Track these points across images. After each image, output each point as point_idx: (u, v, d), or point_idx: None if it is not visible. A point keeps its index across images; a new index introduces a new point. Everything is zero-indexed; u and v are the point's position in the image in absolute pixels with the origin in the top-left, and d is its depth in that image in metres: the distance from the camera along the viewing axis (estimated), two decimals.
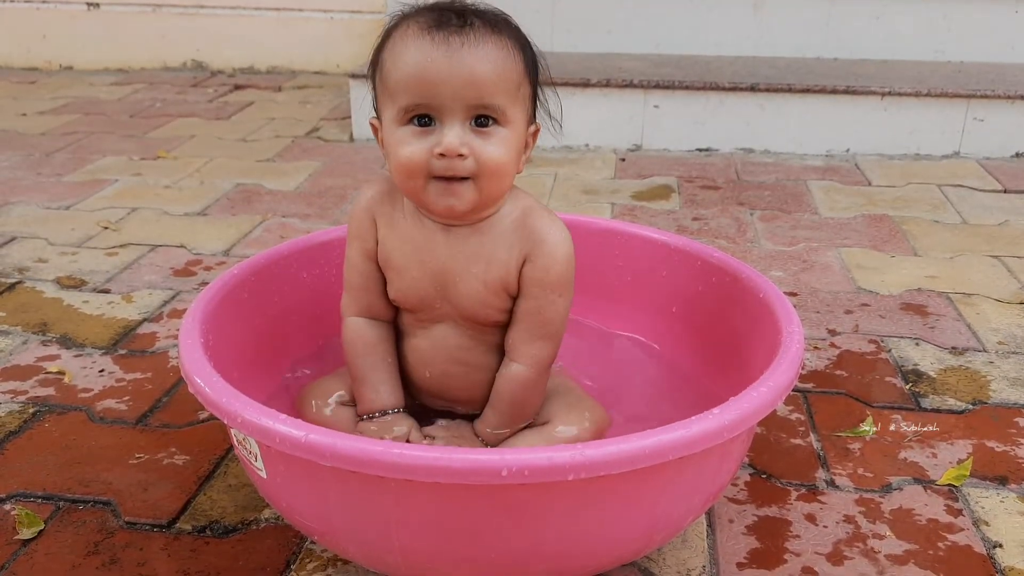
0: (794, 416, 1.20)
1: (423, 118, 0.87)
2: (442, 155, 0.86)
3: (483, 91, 0.86)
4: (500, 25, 0.89)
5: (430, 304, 0.98)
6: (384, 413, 0.99)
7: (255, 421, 0.75)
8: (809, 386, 1.27)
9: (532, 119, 0.95)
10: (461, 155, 0.86)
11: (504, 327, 0.98)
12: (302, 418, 1.00)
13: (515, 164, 0.91)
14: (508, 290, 0.95)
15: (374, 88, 0.94)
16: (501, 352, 0.99)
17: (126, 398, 1.22)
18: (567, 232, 0.95)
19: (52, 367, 1.30)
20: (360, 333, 1.01)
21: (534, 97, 0.94)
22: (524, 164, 0.94)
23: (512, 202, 0.95)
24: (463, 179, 0.88)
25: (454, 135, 0.86)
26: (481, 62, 0.85)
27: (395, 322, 1.03)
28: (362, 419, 0.99)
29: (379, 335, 1.01)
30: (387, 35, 0.91)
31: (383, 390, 0.99)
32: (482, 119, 0.87)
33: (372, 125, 0.95)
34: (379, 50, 0.91)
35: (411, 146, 0.87)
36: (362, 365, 1.00)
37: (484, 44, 0.86)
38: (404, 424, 0.98)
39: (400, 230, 0.97)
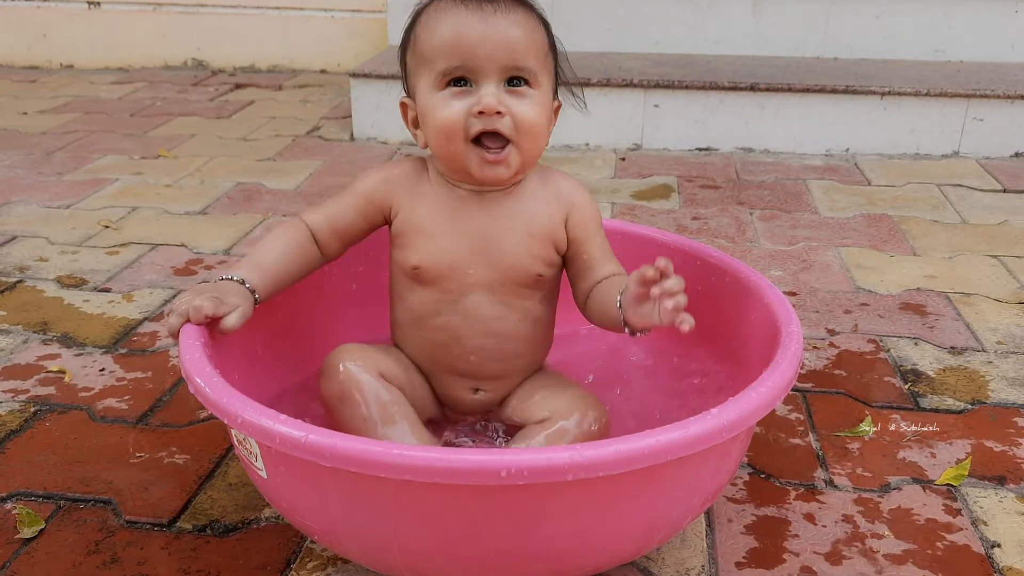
0: (793, 416, 1.20)
1: (460, 80, 0.91)
2: (481, 113, 0.90)
3: (516, 52, 0.90)
4: (524, 1, 0.94)
5: (462, 270, 0.98)
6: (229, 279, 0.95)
7: (255, 422, 0.75)
8: (808, 386, 1.27)
9: (555, 94, 0.99)
10: (499, 112, 0.90)
11: (540, 287, 1.01)
12: (325, 379, 0.98)
13: (547, 126, 0.96)
14: (556, 243, 1.00)
15: (404, 66, 0.98)
16: (534, 322, 1.02)
17: (127, 397, 1.22)
18: (580, 182, 1.04)
19: (53, 366, 1.30)
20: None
21: (556, 72, 0.98)
22: (549, 136, 0.98)
23: (534, 170, 1.01)
24: (503, 146, 0.91)
25: (491, 93, 0.90)
26: (513, 26, 0.91)
27: (403, 304, 1.02)
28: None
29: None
30: (418, 13, 0.95)
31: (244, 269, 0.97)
32: (515, 80, 0.92)
33: (403, 104, 0.99)
34: (410, 28, 0.96)
35: (449, 107, 0.91)
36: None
37: (514, 12, 0.92)
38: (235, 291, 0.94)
39: (428, 199, 0.99)
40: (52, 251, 1.72)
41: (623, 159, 2.36)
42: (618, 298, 0.92)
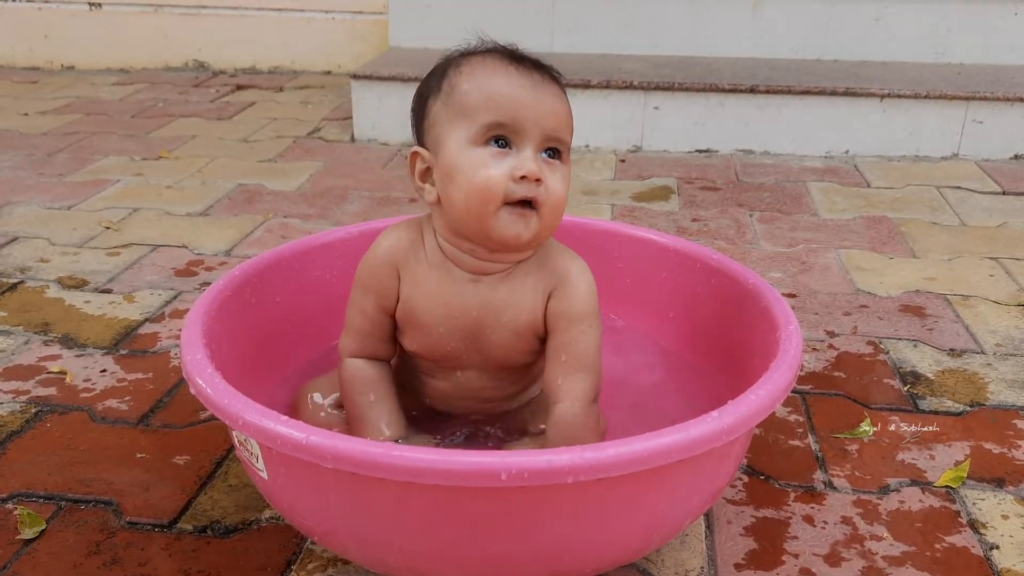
0: (792, 417, 1.20)
1: (501, 140, 0.88)
2: (523, 178, 0.86)
3: (559, 124, 0.89)
4: (559, 76, 0.93)
5: (456, 357, 0.98)
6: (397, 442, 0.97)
7: (256, 423, 0.76)
8: (807, 388, 1.28)
9: None
10: (539, 180, 0.87)
11: (532, 368, 1.00)
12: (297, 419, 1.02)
13: (566, 202, 0.93)
14: (537, 332, 0.96)
15: (425, 114, 0.93)
16: (524, 381, 1.01)
17: (127, 398, 1.23)
18: (586, 264, 0.96)
19: (54, 367, 1.30)
20: (359, 372, 0.99)
21: None
22: None
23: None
24: (532, 209, 0.88)
25: (533, 159, 0.87)
26: (558, 98, 0.90)
27: (402, 358, 1.03)
28: None
29: (378, 373, 1.00)
30: (453, 65, 0.91)
31: (384, 427, 0.96)
32: (551, 151, 0.90)
33: (413, 154, 0.93)
34: (440, 77, 0.92)
35: (491, 169, 0.86)
36: (361, 403, 0.98)
37: (556, 86, 0.91)
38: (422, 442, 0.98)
39: (426, 285, 0.95)
40: (53, 252, 1.72)
41: (623, 161, 2.36)
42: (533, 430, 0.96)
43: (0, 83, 3.16)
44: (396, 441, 0.95)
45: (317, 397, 1.06)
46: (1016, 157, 2.37)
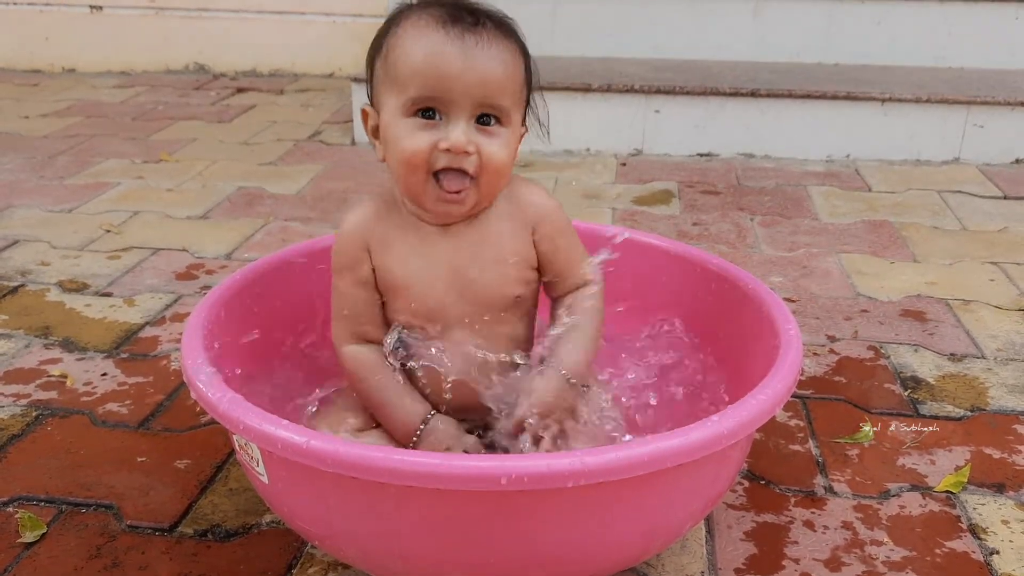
0: (793, 422, 1.20)
1: (429, 111, 0.88)
2: (447, 150, 0.87)
3: (492, 91, 0.88)
4: (508, 29, 0.91)
5: (444, 310, 0.97)
6: (424, 423, 0.96)
7: (257, 427, 0.76)
8: (808, 392, 1.28)
9: (523, 120, 0.97)
10: (467, 152, 0.87)
11: (519, 307, 0.99)
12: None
13: (511, 164, 0.93)
14: (528, 260, 0.98)
15: (371, 75, 0.94)
16: (516, 346, 1.00)
17: (128, 402, 1.23)
18: (545, 188, 1.02)
19: (54, 370, 1.30)
20: (363, 358, 0.98)
21: (527, 102, 0.96)
22: (512, 170, 0.96)
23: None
24: (462, 189, 0.89)
25: (461, 131, 0.87)
26: (493, 62, 0.88)
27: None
28: (412, 445, 0.97)
29: (381, 356, 0.99)
30: (394, 22, 0.91)
31: (409, 404, 0.96)
32: (485, 118, 0.89)
33: (364, 112, 0.95)
34: (383, 35, 0.92)
35: (416, 139, 0.88)
36: (377, 386, 0.96)
37: (496, 45, 0.88)
38: (448, 424, 0.96)
39: (397, 248, 0.96)
40: (54, 255, 1.72)
41: (624, 164, 2.36)
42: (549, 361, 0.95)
43: (1, 85, 3.16)
44: (429, 414, 0.95)
45: (327, 427, 1.02)
46: (1017, 161, 2.37)
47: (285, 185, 2.15)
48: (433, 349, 0.98)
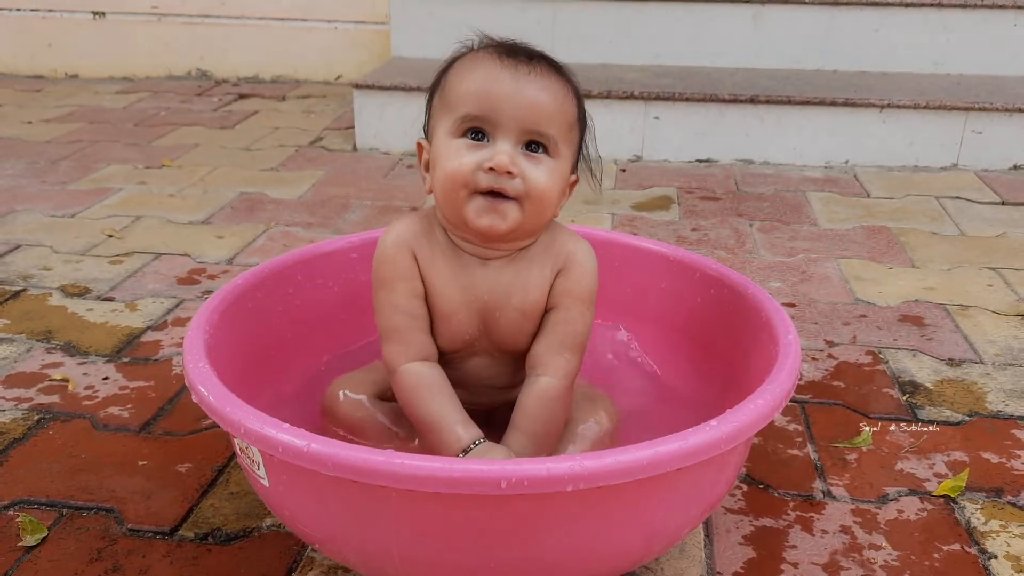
0: (791, 427, 1.21)
1: (477, 133, 0.89)
2: (491, 169, 0.88)
3: (540, 117, 0.89)
4: (563, 71, 0.93)
5: (471, 343, 0.99)
6: (474, 445, 0.91)
7: (258, 430, 0.76)
8: (806, 397, 1.28)
9: (574, 168, 0.97)
10: (510, 172, 0.87)
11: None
12: (330, 414, 1.03)
13: (558, 197, 0.93)
14: (543, 313, 0.98)
15: (430, 108, 0.96)
16: (523, 371, 1.01)
17: (129, 406, 1.23)
18: (591, 247, 0.99)
19: (56, 374, 1.31)
20: (427, 379, 0.95)
21: (579, 147, 0.97)
22: (559, 209, 0.95)
23: (545, 231, 0.98)
24: (508, 199, 0.89)
25: (505, 152, 0.88)
26: (543, 91, 0.90)
27: None
28: None
29: (440, 375, 0.96)
30: (454, 59, 0.94)
31: (461, 431, 0.91)
32: (533, 145, 0.90)
33: (419, 145, 0.97)
34: (443, 72, 0.95)
35: (461, 157, 0.89)
36: (434, 410, 0.93)
37: (548, 78, 0.91)
38: (497, 452, 0.90)
39: (440, 272, 0.96)
40: (56, 260, 1.73)
41: (624, 170, 2.37)
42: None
43: (4, 91, 3.17)
44: (474, 443, 0.90)
45: (349, 392, 1.03)
46: (1015, 167, 2.38)
47: (287, 191, 2.16)
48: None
